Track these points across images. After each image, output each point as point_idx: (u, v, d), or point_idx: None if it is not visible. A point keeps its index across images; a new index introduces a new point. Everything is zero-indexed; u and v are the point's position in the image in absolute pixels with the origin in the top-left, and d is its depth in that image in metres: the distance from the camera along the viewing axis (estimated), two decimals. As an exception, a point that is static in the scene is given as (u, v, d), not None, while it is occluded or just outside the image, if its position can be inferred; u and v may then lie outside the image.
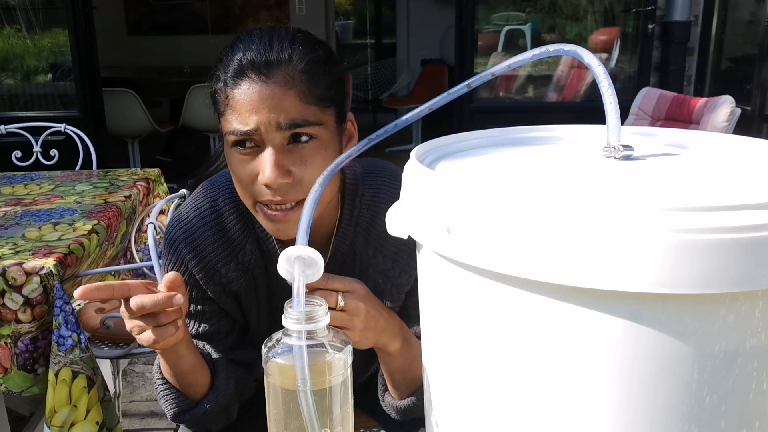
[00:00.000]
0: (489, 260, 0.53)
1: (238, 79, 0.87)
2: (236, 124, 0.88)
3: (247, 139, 0.88)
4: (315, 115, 0.89)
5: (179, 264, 1.02)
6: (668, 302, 0.49)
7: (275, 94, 0.86)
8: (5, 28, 4.23)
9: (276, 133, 0.87)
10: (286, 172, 0.88)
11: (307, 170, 0.89)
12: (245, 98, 0.87)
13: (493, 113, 4.27)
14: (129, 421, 2.33)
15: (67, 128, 2.74)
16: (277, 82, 0.86)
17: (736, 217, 0.46)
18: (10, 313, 1.56)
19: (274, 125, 0.86)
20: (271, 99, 0.86)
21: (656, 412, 0.52)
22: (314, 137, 0.89)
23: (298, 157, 0.89)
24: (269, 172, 0.87)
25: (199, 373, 1.00)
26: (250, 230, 1.03)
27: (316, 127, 0.89)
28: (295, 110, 0.87)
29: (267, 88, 0.86)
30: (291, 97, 0.87)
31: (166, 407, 1.03)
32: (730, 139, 0.73)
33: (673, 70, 4.05)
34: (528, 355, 0.54)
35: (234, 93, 0.88)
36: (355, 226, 1.03)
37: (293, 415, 0.63)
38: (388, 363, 0.98)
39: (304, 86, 0.87)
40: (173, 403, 1.02)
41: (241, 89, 0.87)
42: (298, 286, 0.62)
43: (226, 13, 7.01)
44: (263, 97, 0.86)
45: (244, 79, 0.87)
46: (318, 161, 0.89)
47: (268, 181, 0.87)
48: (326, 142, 0.91)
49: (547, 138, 0.78)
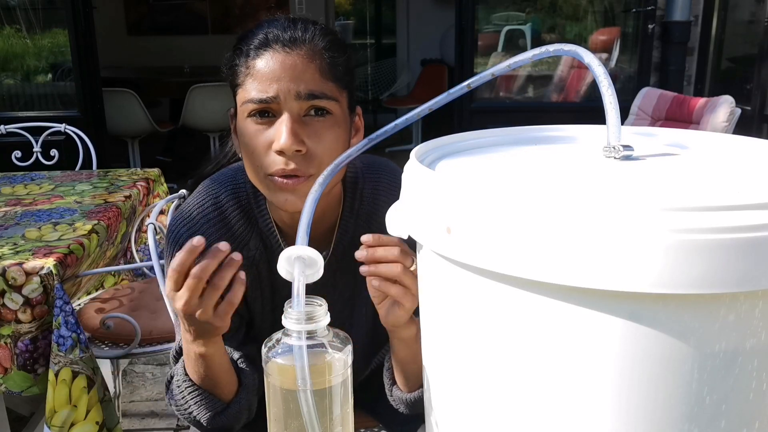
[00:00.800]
0: (489, 260, 0.53)
1: (261, 50, 0.91)
2: (255, 92, 0.90)
3: (266, 107, 0.91)
4: (332, 91, 0.92)
5: None
6: (668, 302, 0.49)
7: (297, 65, 0.90)
8: (5, 28, 4.23)
9: (294, 102, 0.90)
10: (300, 140, 0.90)
11: (319, 144, 0.91)
12: (267, 67, 0.90)
13: (493, 113, 4.27)
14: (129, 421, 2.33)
15: (67, 128, 2.74)
16: (300, 54, 0.90)
17: (736, 217, 0.46)
18: (10, 313, 1.56)
19: (294, 94, 0.89)
20: (293, 69, 0.90)
21: (656, 412, 0.52)
22: (329, 112, 0.92)
23: (313, 130, 0.91)
24: (284, 138, 0.89)
25: (229, 373, 0.99)
26: (253, 226, 1.03)
27: (332, 102, 0.92)
28: (314, 82, 0.90)
29: (290, 58, 0.90)
30: (312, 69, 0.90)
31: (200, 413, 0.99)
32: (730, 139, 0.73)
33: (673, 70, 4.05)
34: (528, 355, 0.54)
35: (256, 62, 0.91)
36: (356, 218, 1.05)
37: (293, 415, 0.63)
38: (403, 351, 0.96)
39: (325, 63, 0.92)
40: (208, 408, 0.98)
41: (264, 59, 0.91)
42: (298, 286, 0.62)
43: (226, 13, 7.02)
44: (285, 67, 0.90)
45: (268, 50, 0.91)
46: (330, 137, 0.92)
47: (283, 146, 0.89)
48: (339, 121, 0.94)
49: (547, 138, 0.78)
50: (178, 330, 1.08)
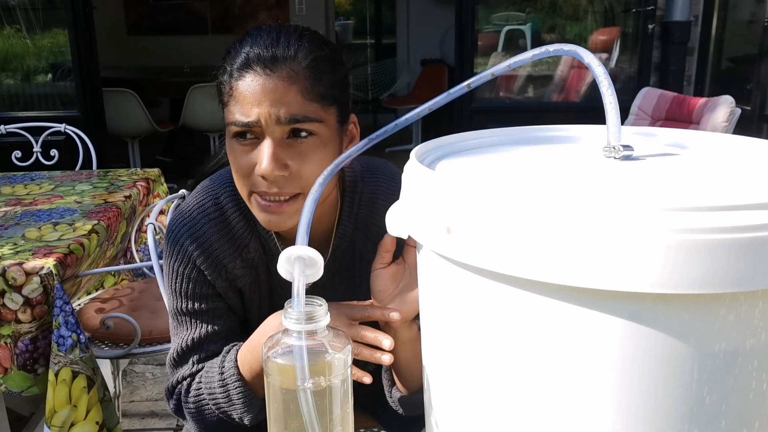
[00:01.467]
0: (489, 260, 0.53)
1: (243, 71, 0.89)
2: (238, 115, 0.89)
3: (248, 130, 0.90)
4: (316, 112, 0.90)
5: (185, 260, 1.01)
6: (668, 302, 0.49)
7: (278, 88, 0.88)
8: (5, 28, 4.23)
9: (276, 127, 0.89)
10: (283, 165, 0.90)
11: (304, 165, 0.90)
12: (248, 90, 0.89)
13: (493, 113, 4.27)
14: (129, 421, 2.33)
15: (67, 128, 2.74)
16: (281, 77, 0.88)
17: (736, 217, 0.46)
18: (10, 313, 1.56)
19: (274, 119, 0.88)
20: (273, 93, 0.88)
21: (656, 412, 0.52)
22: (313, 134, 0.91)
23: (297, 151, 0.90)
24: (266, 164, 0.88)
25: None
26: (252, 228, 1.03)
27: (316, 123, 0.90)
28: (296, 106, 0.88)
29: (270, 82, 0.88)
30: (293, 92, 0.88)
31: (243, 411, 0.98)
32: (730, 139, 0.73)
33: (673, 70, 4.05)
34: (528, 355, 0.54)
35: (238, 84, 0.90)
36: (355, 223, 1.04)
37: (293, 415, 0.63)
38: (403, 352, 0.95)
39: (308, 83, 0.89)
40: (254, 406, 0.98)
41: (246, 81, 0.89)
42: (298, 286, 0.62)
43: (226, 13, 7.01)
44: (266, 90, 0.88)
45: (249, 72, 0.89)
46: (316, 158, 0.91)
47: (264, 172, 0.89)
48: (326, 140, 0.92)
49: (547, 138, 0.78)
50: (175, 333, 1.07)
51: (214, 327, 1.03)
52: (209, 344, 1.04)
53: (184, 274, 1.02)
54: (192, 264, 1.01)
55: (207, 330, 1.03)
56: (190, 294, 1.02)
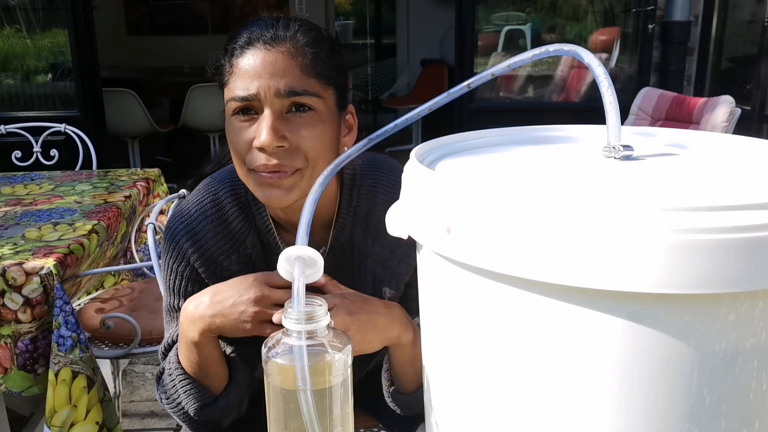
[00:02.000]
0: (489, 260, 0.53)
1: (244, 49, 0.92)
2: (238, 90, 0.91)
3: (248, 105, 0.92)
4: (314, 87, 0.92)
5: (180, 258, 1.03)
6: (668, 302, 0.49)
7: (277, 61, 0.90)
8: (5, 28, 4.23)
9: (275, 99, 0.90)
10: (281, 136, 0.91)
11: (303, 139, 0.92)
12: (249, 65, 0.91)
13: (493, 113, 4.27)
14: (129, 421, 2.34)
15: (67, 128, 2.74)
16: (281, 51, 0.91)
17: (736, 217, 0.46)
18: (10, 313, 1.56)
19: (273, 91, 0.90)
20: (273, 65, 0.90)
21: (656, 412, 0.52)
22: (312, 108, 0.92)
23: (295, 125, 0.92)
24: (264, 136, 0.89)
25: (220, 365, 0.99)
26: (251, 223, 1.04)
27: (314, 98, 0.92)
28: (294, 79, 0.91)
29: (270, 55, 0.91)
30: (292, 66, 0.91)
31: (188, 402, 1.00)
32: (730, 139, 0.73)
33: (673, 70, 4.05)
34: (528, 355, 0.54)
35: (239, 61, 0.92)
36: (354, 216, 1.04)
37: (293, 415, 0.63)
38: (399, 356, 0.96)
39: (307, 59, 0.92)
40: (197, 398, 1.00)
41: (246, 57, 0.92)
42: (298, 286, 0.62)
43: (226, 13, 7.02)
44: (266, 63, 0.90)
45: (250, 48, 0.92)
46: (314, 133, 0.92)
47: (263, 143, 0.90)
48: (324, 117, 0.94)
49: (547, 138, 0.78)
50: (166, 327, 1.08)
51: None
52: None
53: (178, 271, 1.03)
54: (186, 261, 1.02)
55: None
56: (182, 291, 1.04)
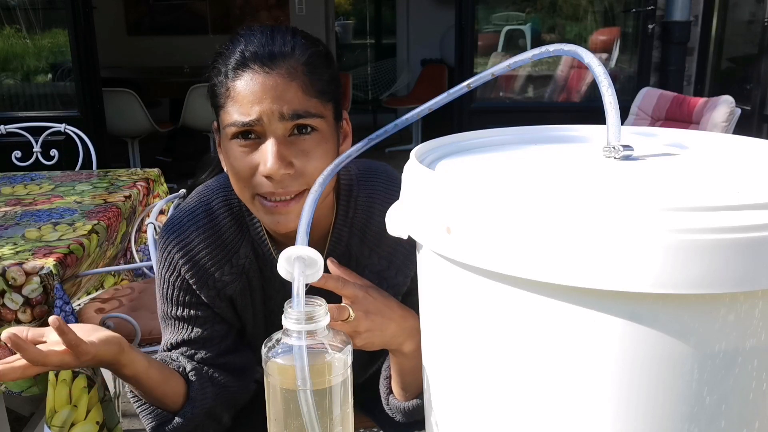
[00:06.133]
0: (489, 260, 0.53)
1: (240, 71, 0.88)
2: (237, 115, 0.88)
3: (249, 130, 0.88)
4: (316, 107, 0.89)
5: (172, 269, 1.01)
6: (668, 302, 0.49)
7: (278, 85, 0.87)
8: (5, 28, 4.23)
9: (278, 124, 0.87)
10: (288, 163, 0.88)
11: (309, 162, 0.89)
12: (248, 89, 0.87)
13: (493, 113, 4.27)
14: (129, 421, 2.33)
15: (67, 128, 2.74)
16: (281, 74, 0.87)
17: (736, 217, 0.46)
18: (10, 313, 1.56)
19: (277, 115, 0.87)
20: (274, 89, 0.86)
21: (656, 412, 0.52)
22: (315, 129, 0.90)
23: (300, 149, 0.89)
24: (271, 163, 0.87)
25: (168, 386, 0.98)
26: (244, 233, 1.02)
27: (317, 119, 0.89)
28: (297, 101, 0.87)
29: (270, 79, 0.87)
30: (294, 88, 0.87)
31: (145, 421, 1.01)
32: (730, 139, 0.73)
33: (673, 70, 4.05)
34: (528, 355, 0.54)
35: (236, 84, 0.88)
36: (351, 227, 1.02)
37: (293, 415, 0.63)
38: (401, 364, 0.95)
39: (306, 78, 0.88)
40: (150, 417, 1.00)
41: (244, 80, 0.87)
42: (298, 286, 0.62)
43: (226, 13, 7.01)
44: (266, 88, 0.86)
45: (247, 71, 0.87)
46: (319, 154, 0.90)
47: (270, 171, 0.87)
48: (326, 136, 0.91)
49: (547, 138, 0.78)
50: (163, 332, 1.07)
51: (198, 332, 1.03)
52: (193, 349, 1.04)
53: (170, 281, 1.02)
54: (177, 272, 1.01)
55: (190, 335, 1.04)
56: (175, 300, 1.03)
